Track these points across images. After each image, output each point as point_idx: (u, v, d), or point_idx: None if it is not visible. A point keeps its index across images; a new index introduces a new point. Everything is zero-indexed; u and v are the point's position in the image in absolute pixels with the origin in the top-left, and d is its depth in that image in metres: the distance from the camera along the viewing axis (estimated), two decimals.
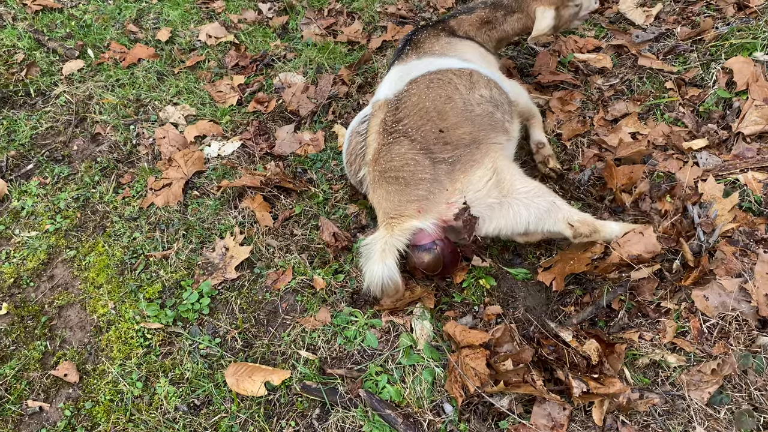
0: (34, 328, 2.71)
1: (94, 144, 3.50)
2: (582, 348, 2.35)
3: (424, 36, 3.10)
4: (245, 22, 4.29)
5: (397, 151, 2.57)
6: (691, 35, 3.46)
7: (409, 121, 2.61)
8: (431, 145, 2.56)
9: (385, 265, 2.43)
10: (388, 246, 2.46)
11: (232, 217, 3.02)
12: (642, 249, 2.52)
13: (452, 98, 2.65)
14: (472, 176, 2.52)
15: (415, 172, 2.53)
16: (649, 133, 3.11)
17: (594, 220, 2.53)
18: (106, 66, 3.96)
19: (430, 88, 2.68)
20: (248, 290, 2.77)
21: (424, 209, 2.50)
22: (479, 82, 2.76)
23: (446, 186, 2.52)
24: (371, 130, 2.75)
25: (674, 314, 2.46)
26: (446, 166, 2.54)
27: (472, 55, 3.05)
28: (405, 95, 2.71)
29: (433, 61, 2.88)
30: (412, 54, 3.02)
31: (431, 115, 2.61)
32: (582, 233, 2.51)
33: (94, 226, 3.07)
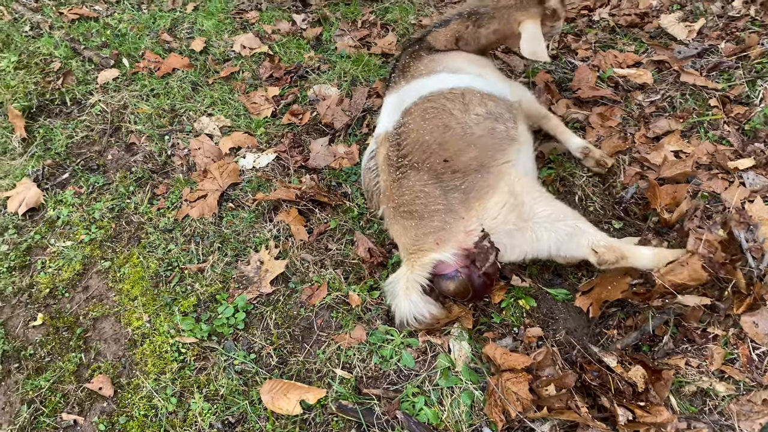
0: (69, 340, 2.71)
1: (129, 154, 3.51)
2: (627, 374, 2.28)
3: (407, 59, 3.03)
4: (279, 33, 4.28)
5: (406, 185, 2.54)
6: (736, 51, 3.38)
7: (414, 156, 2.58)
8: (440, 175, 2.52)
9: (411, 302, 2.45)
10: (410, 282, 2.46)
11: (267, 230, 3.00)
12: (686, 278, 2.41)
13: (449, 126, 2.60)
14: (487, 203, 2.47)
15: (427, 204, 2.49)
16: (693, 151, 3.03)
17: (621, 245, 2.43)
18: (141, 75, 3.98)
19: (425, 120, 2.63)
20: (283, 305, 2.74)
21: (442, 240, 2.46)
22: (473, 101, 2.69)
23: (462, 214, 2.47)
24: (380, 167, 2.73)
25: (722, 340, 2.39)
26: (460, 195, 2.49)
27: (460, 63, 2.97)
28: (403, 129, 2.67)
29: (423, 83, 2.83)
30: (401, 80, 2.96)
31: (433, 147, 2.56)
32: (607, 260, 2.40)
33: (128, 237, 3.07)
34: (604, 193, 3.03)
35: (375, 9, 4.40)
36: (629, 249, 2.43)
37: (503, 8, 3.03)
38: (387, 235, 2.94)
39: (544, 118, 3.07)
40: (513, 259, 2.55)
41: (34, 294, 2.89)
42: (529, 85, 3.54)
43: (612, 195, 3.01)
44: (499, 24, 3.05)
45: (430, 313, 2.48)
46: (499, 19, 3.04)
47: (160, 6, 4.69)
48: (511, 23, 3.03)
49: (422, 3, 4.38)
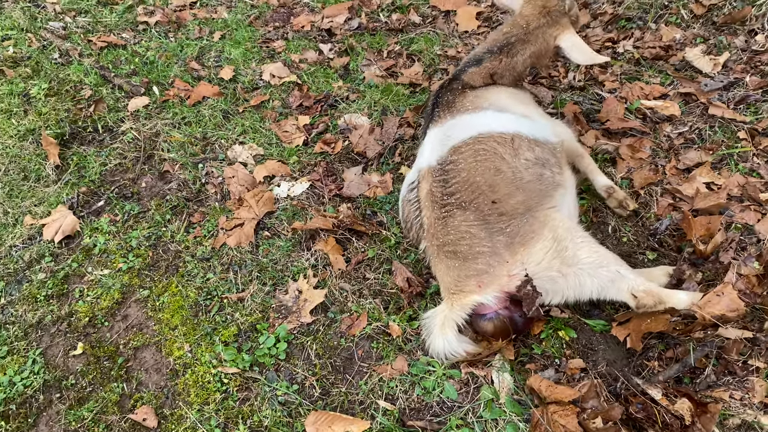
0: (110, 370, 2.71)
1: (163, 182, 3.54)
2: (673, 407, 2.29)
3: (451, 95, 3.05)
4: (306, 62, 4.35)
5: (452, 224, 2.57)
6: (762, 85, 3.44)
7: (461, 195, 2.60)
8: (486, 217, 2.55)
9: (446, 340, 2.49)
10: (447, 320, 2.50)
11: (305, 259, 3.02)
12: (725, 308, 2.44)
13: (501, 169, 2.63)
14: (532, 248, 2.50)
15: (472, 245, 2.52)
16: (725, 183, 3.07)
17: (660, 290, 2.47)
18: (172, 103, 4.03)
19: (477, 161, 2.66)
20: (323, 335, 2.76)
21: (485, 283, 2.49)
22: (522, 146, 2.73)
23: (506, 258, 2.50)
24: (422, 202, 2.74)
25: (764, 373, 2.40)
26: (505, 238, 2.52)
27: (505, 101, 3.00)
28: (452, 167, 2.69)
29: (470, 120, 2.86)
30: (446, 114, 2.97)
31: (483, 188, 2.59)
32: (646, 304, 2.45)
33: (166, 266, 3.09)
34: (637, 224, 3.07)
35: (400, 39, 4.47)
36: (667, 294, 2.47)
37: (535, 29, 3.10)
38: (425, 265, 2.96)
39: (579, 156, 3.12)
40: (555, 302, 2.59)
41: (74, 323, 2.90)
42: (557, 116, 3.59)
43: (645, 226, 3.05)
44: (534, 46, 3.11)
45: (465, 351, 2.53)
46: (534, 41, 3.11)
47: (187, 34, 4.76)
48: (547, 41, 3.10)
49: (447, 34, 4.45)
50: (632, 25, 4.20)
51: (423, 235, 2.74)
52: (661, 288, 2.51)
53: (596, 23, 4.25)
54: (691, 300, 2.47)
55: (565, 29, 3.09)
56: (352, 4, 4.87)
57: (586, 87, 3.79)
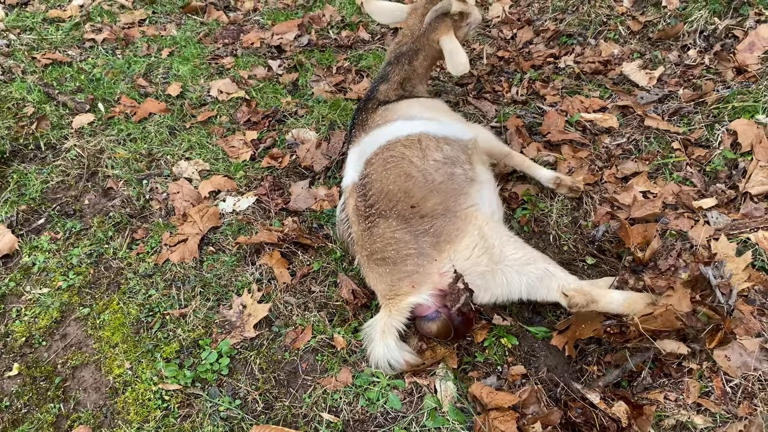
0: (47, 390, 2.64)
1: (106, 198, 3.49)
2: (611, 410, 2.34)
3: (365, 114, 3.19)
4: (255, 78, 4.35)
5: (377, 233, 2.62)
6: (694, 97, 3.58)
7: (380, 205, 2.66)
8: (408, 220, 2.60)
9: (387, 346, 2.50)
10: (387, 327, 2.51)
11: (249, 273, 3.01)
12: (660, 325, 2.49)
13: (411, 174, 2.70)
14: (458, 245, 2.56)
15: (399, 249, 2.57)
16: (660, 192, 3.18)
17: (591, 289, 2.51)
18: (117, 120, 3.98)
19: (387, 170, 2.73)
20: (267, 349, 2.74)
21: (418, 283, 2.53)
22: (429, 146, 2.80)
23: (434, 257, 2.55)
24: (350, 218, 2.82)
25: (697, 374, 2.47)
26: (430, 238, 2.57)
27: (415, 109, 3.12)
28: (368, 180, 2.76)
29: (380, 132, 2.96)
30: (361, 133, 3.10)
31: (398, 196, 2.66)
32: (578, 303, 2.49)
33: (108, 283, 3.03)
34: (577, 232, 3.14)
35: (349, 56, 4.52)
36: (599, 293, 2.50)
37: (419, 37, 3.29)
38: None
39: (507, 155, 3.20)
40: (485, 301, 2.62)
41: (9, 343, 2.82)
42: (500, 129, 3.67)
43: (584, 234, 3.12)
44: (424, 51, 3.30)
45: (405, 360, 2.53)
46: (422, 47, 3.30)
47: (134, 51, 4.73)
48: (432, 45, 3.28)
49: None
50: (573, 41, 4.34)
51: (355, 248, 2.78)
52: (594, 286, 2.54)
53: (539, 39, 4.38)
54: (624, 300, 2.50)
55: (444, 33, 3.23)
56: (302, 22, 4.91)
57: (528, 101, 3.89)
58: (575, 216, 3.21)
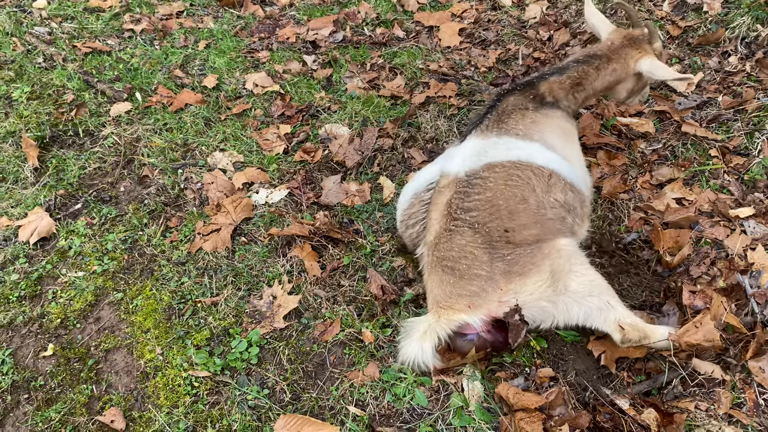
0: (80, 371, 2.69)
1: (142, 186, 3.55)
2: (640, 417, 2.32)
3: (511, 106, 2.97)
4: (290, 72, 4.39)
5: (457, 241, 2.56)
6: (733, 104, 3.52)
7: (478, 215, 2.58)
8: (493, 242, 2.55)
9: (422, 349, 2.46)
10: (430, 330, 2.48)
11: (280, 265, 3.03)
12: (701, 338, 2.48)
13: (527, 200, 2.62)
14: (528, 279, 2.51)
15: (471, 266, 2.52)
16: (696, 199, 3.14)
17: (645, 325, 2.50)
18: (154, 109, 4.04)
19: (507, 186, 2.64)
20: (296, 341, 2.76)
21: (475, 305, 2.49)
22: (556, 186, 2.72)
23: (501, 285, 2.51)
24: (435, 207, 2.71)
25: (729, 385, 2.43)
26: (504, 265, 2.52)
27: (555, 139, 2.94)
28: (479, 183, 2.65)
29: (515, 144, 2.80)
30: (494, 127, 2.90)
31: (502, 213, 2.58)
32: (631, 339, 2.48)
33: (141, 269, 3.08)
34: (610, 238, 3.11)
35: (383, 53, 4.53)
36: (652, 329, 2.50)
37: (619, 48, 3.10)
38: (399, 273, 2.98)
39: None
40: (544, 327, 2.61)
41: (45, 324, 2.88)
42: None
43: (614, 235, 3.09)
44: (616, 63, 3.09)
45: (434, 366, 2.52)
46: (617, 59, 3.09)
47: (172, 42, 4.79)
48: (627, 62, 3.09)
49: (429, 49, 4.52)
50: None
51: (424, 239, 2.72)
52: (646, 323, 2.53)
53: (575, 42, 4.34)
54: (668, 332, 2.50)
55: (647, 54, 3.11)
56: (337, 18, 4.93)
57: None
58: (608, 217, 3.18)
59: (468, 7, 4.91)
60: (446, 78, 4.20)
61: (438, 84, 4.10)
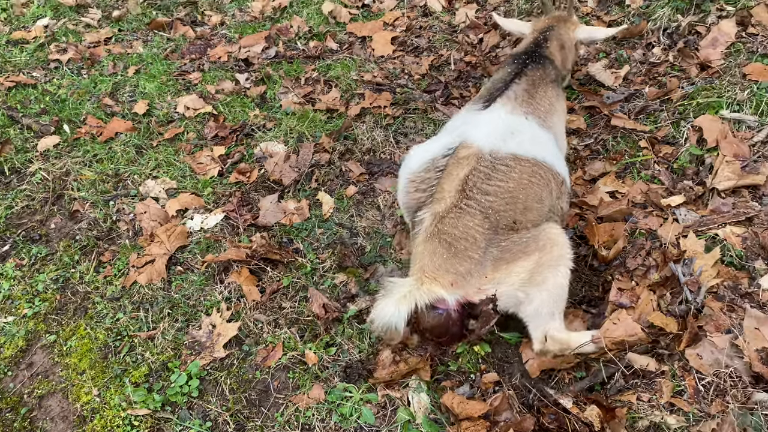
0: (12, 422, 2.59)
1: (73, 222, 3.44)
2: (583, 415, 2.33)
3: (538, 74, 3.05)
4: (223, 92, 4.32)
5: (465, 222, 2.51)
6: (659, 95, 3.59)
7: (495, 202, 2.54)
8: (497, 230, 2.53)
9: (398, 311, 2.38)
10: (410, 295, 2.40)
11: (218, 292, 2.97)
12: (623, 334, 2.52)
13: (543, 201, 2.65)
14: (513, 267, 2.50)
15: (468, 248, 2.49)
16: (628, 191, 3.18)
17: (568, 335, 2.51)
18: (83, 141, 3.93)
19: (531, 182, 2.63)
20: (238, 369, 2.70)
21: (457, 285, 2.46)
22: (564, 195, 2.79)
23: (487, 273, 2.49)
24: (450, 179, 2.63)
25: (669, 373, 2.46)
26: (497, 252, 2.51)
27: (560, 125, 3.08)
28: (503, 170, 2.61)
29: (540, 139, 2.83)
30: (524, 102, 2.92)
31: (517, 206, 2.57)
32: (549, 351, 2.50)
33: (74, 308, 2.99)
34: None
35: (317, 66, 4.50)
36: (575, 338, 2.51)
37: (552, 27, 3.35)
38: (341, 290, 2.95)
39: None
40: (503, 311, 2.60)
41: None
42: None
43: None
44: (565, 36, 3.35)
45: (402, 335, 2.48)
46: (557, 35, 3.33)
47: (100, 70, 4.68)
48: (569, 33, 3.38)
49: (363, 59, 4.50)
50: None
51: (430, 206, 2.62)
52: (571, 333, 2.54)
53: (505, 43, 4.38)
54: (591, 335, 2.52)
55: (578, 24, 3.45)
56: (269, 34, 4.89)
57: None
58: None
59: (400, 15, 4.91)
60: (381, 88, 4.19)
61: (373, 94, 4.09)
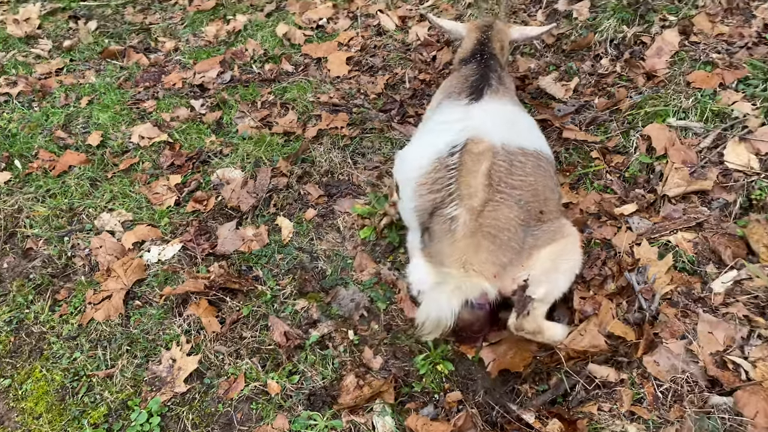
0: None
1: (26, 260, 3.36)
2: (545, 429, 2.35)
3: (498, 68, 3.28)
4: (178, 119, 4.28)
5: (505, 214, 2.59)
6: (609, 105, 3.67)
7: (522, 194, 2.65)
8: (531, 220, 2.64)
9: (451, 304, 2.42)
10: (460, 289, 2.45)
11: (177, 325, 2.93)
12: (587, 344, 2.59)
13: (554, 189, 2.84)
14: (542, 252, 2.61)
15: (511, 239, 2.57)
16: (581, 201, 3.24)
17: (543, 321, 2.57)
18: (35, 176, 3.86)
19: (537, 173, 2.76)
20: (200, 403, 2.66)
21: (499, 276, 2.53)
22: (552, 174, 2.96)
23: (523, 262, 2.58)
24: (473, 174, 2.65)
25: (629, 382, 2.50)
26: (532, 241, 2.62)
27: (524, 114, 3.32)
28: (521, 165, 2.73)
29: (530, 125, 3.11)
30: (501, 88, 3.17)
31: (539, 197, 2.70)
32: (525, 329, 2.54)
33: (30, 350, 2.91)
34: None
35: (273, 89, 4.49)
36: (548, 326, 2.58)
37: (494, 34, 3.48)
38: (303, 316, 2.93)
39: None
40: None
41: None
42: None
43: None
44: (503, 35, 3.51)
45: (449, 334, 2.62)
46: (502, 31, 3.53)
47: (52, 102, 4.60)
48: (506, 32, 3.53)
49: (319, 80, 4.51)
50: None
51: (461, 203, 2.61)
52: (547, 322, 2.60)
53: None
54: (565, 333, 2.60)
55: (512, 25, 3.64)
56: (224, 58, 4.87)
57: None
58: None
59: (354, 35, 4.94)
60: (337, 108, 4.20)
61: (329, 115, 4.10)
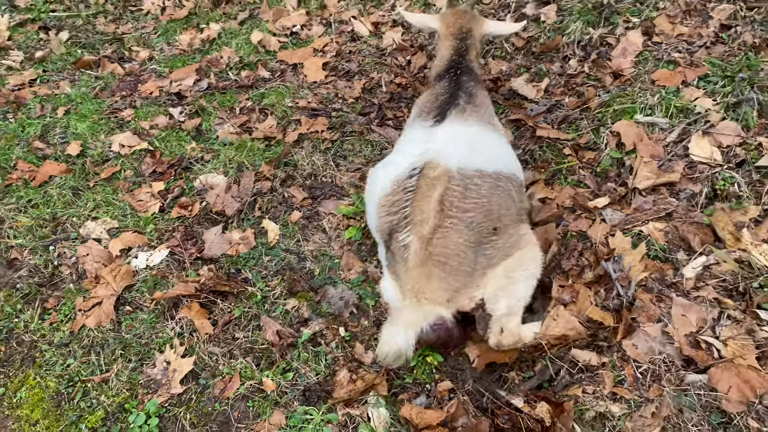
0: None
1: (12, 270, 3.36)
2: (534, 412, 2.46)
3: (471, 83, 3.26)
4: (157, 127, 4.31)
5: (454, 240, 2.61)
6: (579, 104, 3.83)
7: (475, 216, 2.66)
8: (482, 239, 2.67)
9: (408, 338, 2.51)
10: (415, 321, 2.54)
11: (170, 329, 2.97)
12: (563, 329, 2.70)
13: (509, 207, 2.82)
14: (497, 269, 2.66)
15: (461, 263, 2.61)
16: (557, 196, 3.37)
17: (521, 329, 2.68)
18: (15, 187, 3.85)
19: (493, 194, 2.76)
20: (196, 403, 2.71)
21: (453, 300, 2.61)
22: (523, 194, 3.04)
23: (477, 282, 2.64)
24: (426, 199, 2.67)
25: (610, 365, 2.63)
26: (485, 260, 2.66)
27: (498, 121, 3.42)
28: (473, 188, 2.72)
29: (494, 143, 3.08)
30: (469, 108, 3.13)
31: (493, 217, 2.71)
32: (504, 344, 2.66)
33: (22, 359, 2.92)
34: None
35: (251, 95, 4.55)
36: (525, 332, 2.69)
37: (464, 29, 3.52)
38: (294, 315, 3.00)
39: None
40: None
41: None
42: None
43: None
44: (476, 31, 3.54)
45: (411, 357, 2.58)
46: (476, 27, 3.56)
47: (27, 113, 4.58)
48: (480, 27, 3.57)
49: (296, 86, 4.59)
50: None
51: (412, 229, 2.65)
52: (522, 326, 2.70)
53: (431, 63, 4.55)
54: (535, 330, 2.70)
55: (485, 20, 3.64)
56: (200, 66, 4.91)
57: None
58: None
59: (329, 41, 5.03)
60: (316, 113, 4.28)
61: (309, 120, 4.18)
